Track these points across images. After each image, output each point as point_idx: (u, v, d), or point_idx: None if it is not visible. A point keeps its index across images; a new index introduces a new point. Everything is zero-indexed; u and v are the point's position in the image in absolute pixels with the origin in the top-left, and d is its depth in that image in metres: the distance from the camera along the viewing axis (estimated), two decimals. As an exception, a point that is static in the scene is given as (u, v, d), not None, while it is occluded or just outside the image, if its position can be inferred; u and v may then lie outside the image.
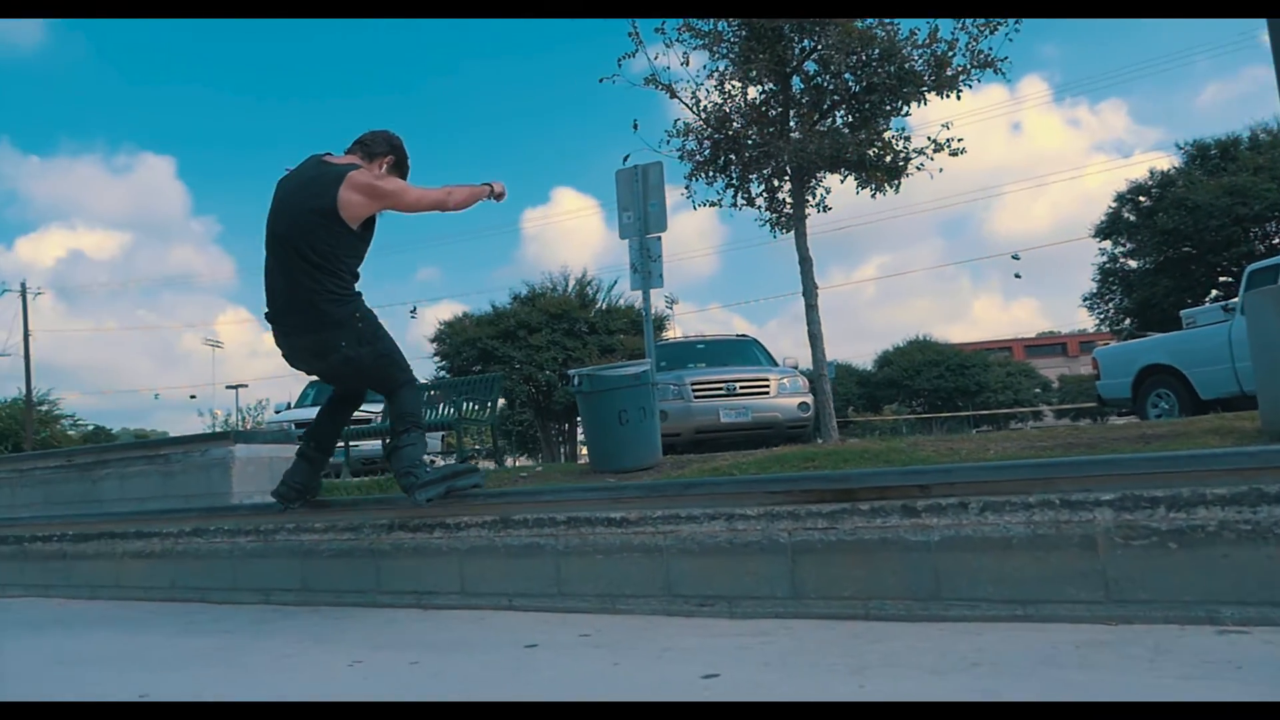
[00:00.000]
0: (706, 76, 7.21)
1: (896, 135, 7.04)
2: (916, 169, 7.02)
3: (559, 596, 3.61)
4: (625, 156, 7.47)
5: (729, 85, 7.19)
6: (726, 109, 7.20)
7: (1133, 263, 28.87)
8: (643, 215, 7.52)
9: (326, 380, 4.43)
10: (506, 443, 13.11)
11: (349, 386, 4.32)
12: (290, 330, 3.92)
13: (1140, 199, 27.75)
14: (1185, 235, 24.94)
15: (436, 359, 23.13)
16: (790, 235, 7.64)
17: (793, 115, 7.13)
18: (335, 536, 4.25)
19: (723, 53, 7.03)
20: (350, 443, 9.23)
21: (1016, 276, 44.29)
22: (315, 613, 4.09)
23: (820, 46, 6.50)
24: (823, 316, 7.75)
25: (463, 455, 8.80)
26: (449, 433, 12.43)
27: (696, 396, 9.78)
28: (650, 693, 2.30)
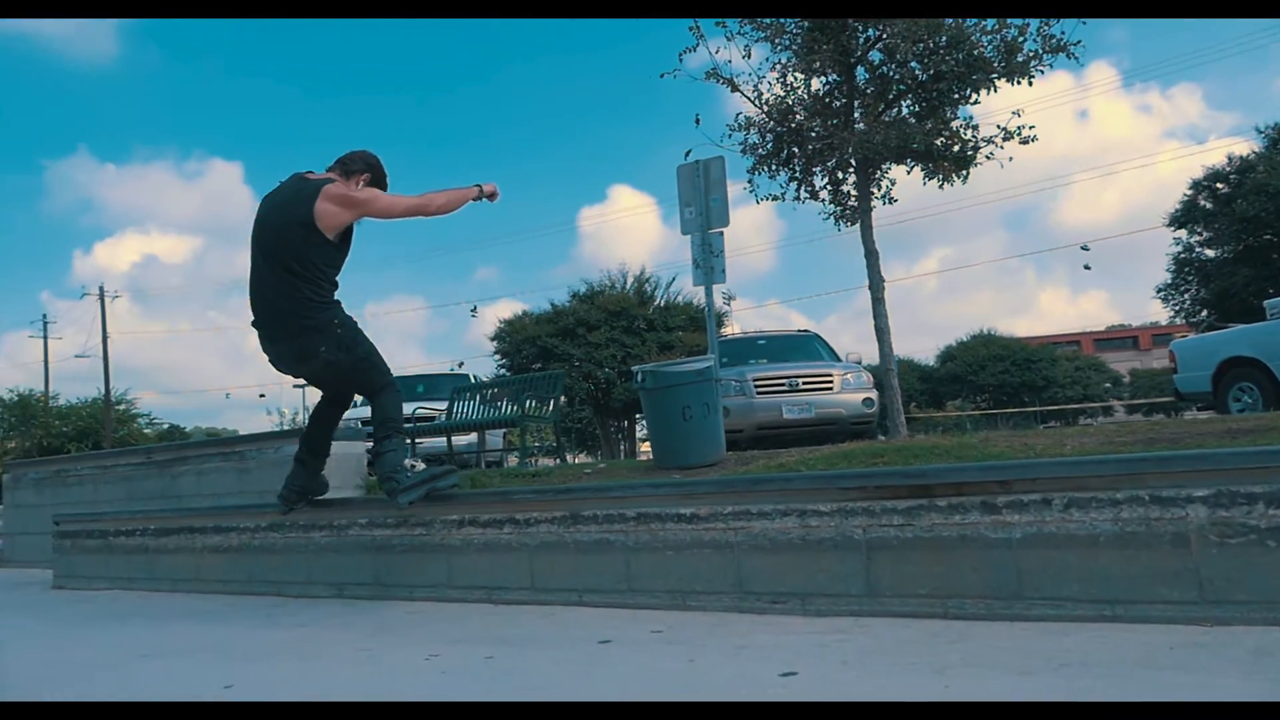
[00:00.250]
0: (769, 69, 7.15)
1: (964, 124, 6.88)
2: (986, 158, 6.86)
3: (629, 592, 3.61)
4: (687, 151, 7.45)
5: (791, 77, 7.13)
6: (789, 101, 7.11)
7: (1210, 252, 27.89)
8: (704, 210, 7.48)
9: (311, 383, 4.63)
10: (566, 440, 13.16)
11: (333, 390, 4.54)
12: (274, 337, 4.15)
13: (1217, 186, 26.77)
14: (1266, 222, 23.99)
15: (497, 357, 23.37)
16: (853, 229, 7.53)
17: (857, 106, 7.01)
18: (407, 532, 4.30)
19: (785, 44, 6.95)
20: (415, 439, 9.36)
21: (1086, 268, 43.09)
22: (388, 606, 4.15)
23: (885, 35, 6.37)
24: (872, 312, 7.59)
25: (525, 452, 8.86)
26: (510, 430, 12.53)
27: (759, 392, 9.71)
28: (728, 690, 2.27)
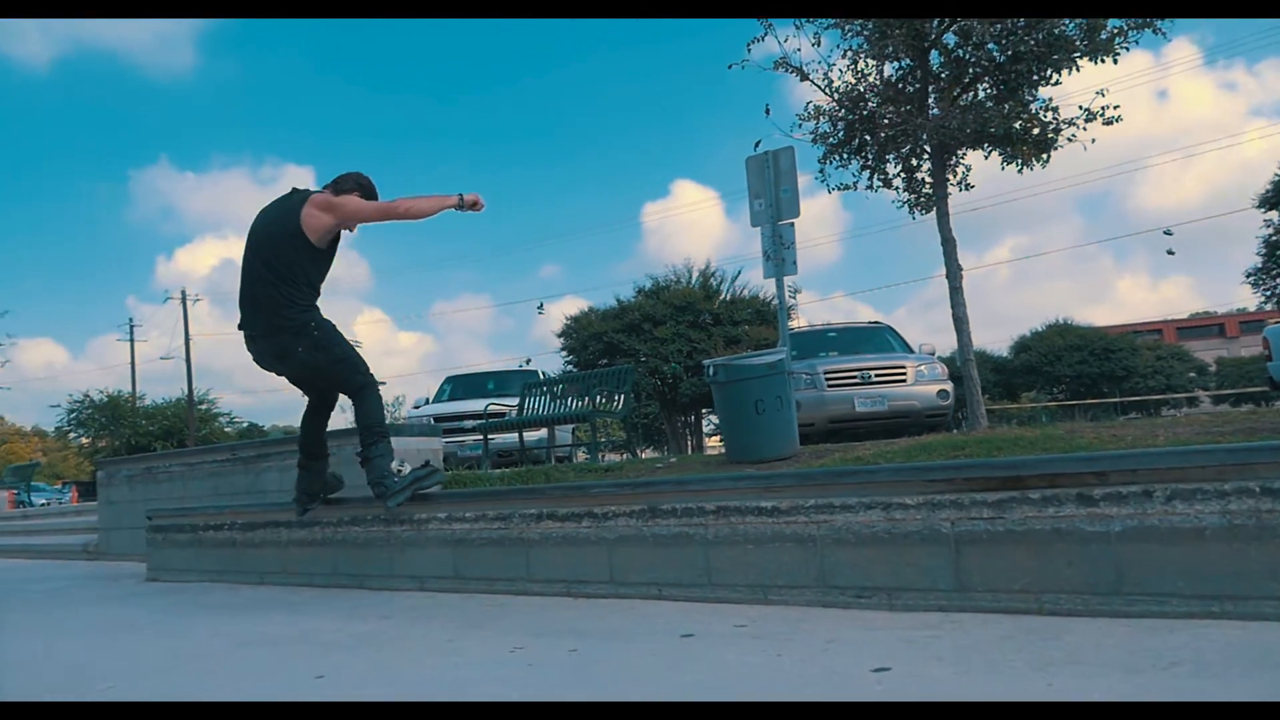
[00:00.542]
0: (839, 56, 7.02)
1: (1044, 106, 6.65)
2: (1069, 140, 6.62)
3: (709, 586, 3.58)
4: (757, 143, 7.37)
5: (863, 64, 6.97)
6: (860, 88, 6.97)
7: (1303, 233, 26.62)
8: (774, 202, 7.39)
9: (293, 383, 4.86)
10: (633, 435, 13.18)
11: (314, 390, 4.86)
12: (256, 335, 4.46)
13: (1311, 164, 25.51)
14: (1364, 201, 22.79)
15: (563, 353, 23.51)
16: (927, 217, 7.36)
17: (931, 91, 6.83)
18: (486, 526, 4.34)
19: (855, 30, 6.82)
20: (488, 435, 9.47)
21: (1169, 253, 41.28)
22: (468, 599, 4.19)
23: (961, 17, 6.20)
24: (949, 301, 7.38)
25: (596, 448, 8.89)
26: (578, 426, 12.60)
27: (830, 385, 9.58)
28: (820, 685, 2.23)
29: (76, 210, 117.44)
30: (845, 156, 7.27)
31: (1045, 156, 6.78)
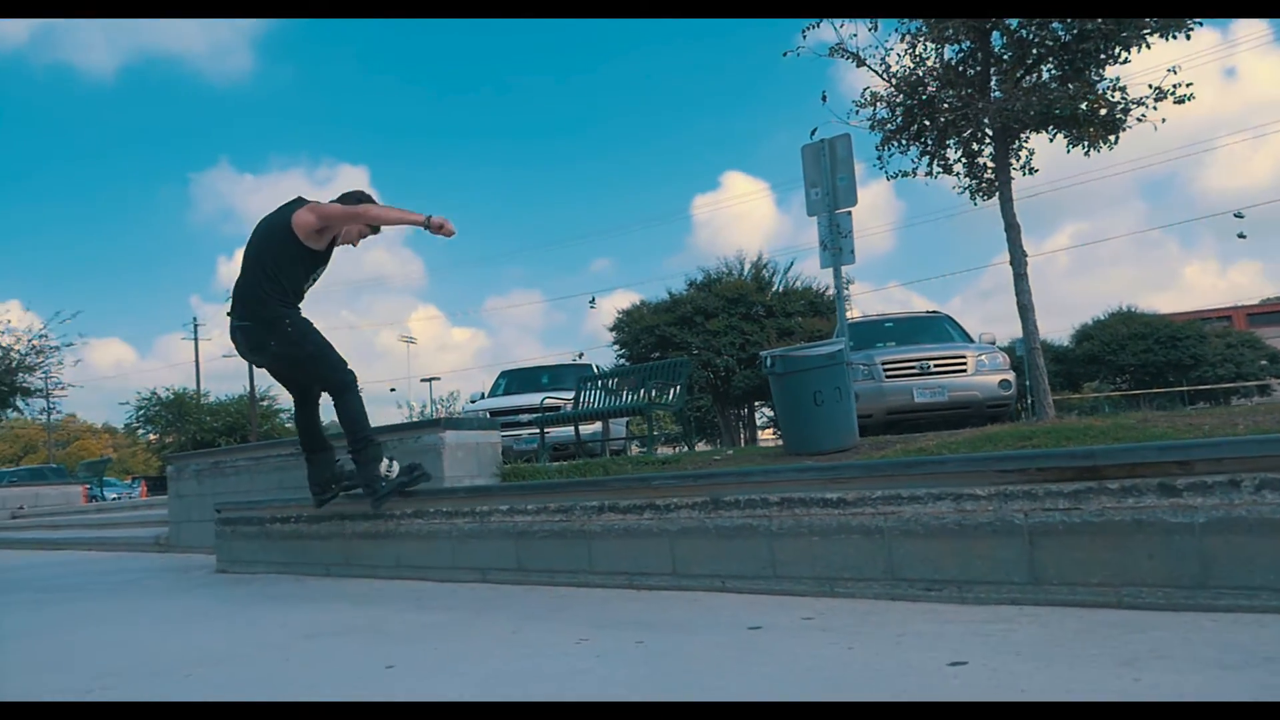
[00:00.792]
0: (898, 40, 6.87)
1: (1112, 86, 6.43)
2: (1138, 120, 6.41)
3: (773, 579, 3.54)
4: (813, 130, 7.27)
5: (921, 47, 6.83)
6: (919, 73, 6.83)
7: (1382, 215, 25.51)
8: (831, 190, 7.28)
9: (274, 377, 5.14)
10: (687, 428, 13.17)
11: (293, 385, 5.13)
12: (236, 325, 4.74)
13: (1390, 142, 24.44)
14: None
15: (615, 347, 23.59)
16: (987, 204, 7.20)
17: (993, 73, 6.66)
18: (547, 518, 4.36)
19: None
20: (545, 429, 9.52)
21: (1240, 236, 40.23)
22: (530, 591, 4.21)
23: (1024, -3, 6.02)
24: (1011, 290, 7.18)
25: (652, 440, 8.88)
26: (631, 419, 12.61)
27: (888, 376, 9.46)
28: (895, 679, 2.19)
29: (141, 214, 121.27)
30: (904, 142, 7.14)
31: (1113, 138, 6.58)
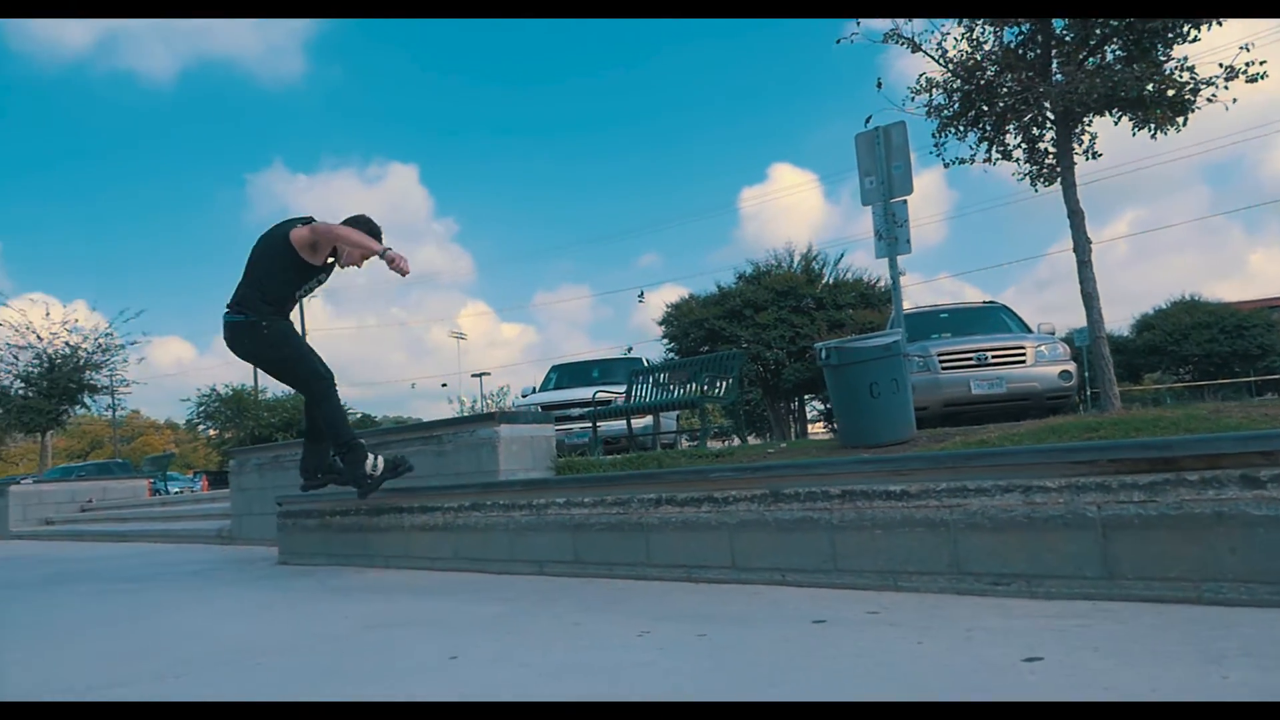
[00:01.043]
0: (955, 24, 6.71)
1: (1180, 65, 6.21)
2: (1208, 101, 6.18)
3: (835, 572, 3.50)
4: (867, 118, 7.17)
5: (979, 30, 6.67)
6: (977, 57, 6.67)
7: None
8: (886, 179, 7.18)
9: (261, 369, 5.38)
10: (739, 421, 13.11)
11: (283, 381, 5.41)
12: (224, 321, 5.01)
13: None
14: None
15: (664, 341, 23.53)
16: (1048, 191, 7.01)
17: (1055, 55, 6.48)
18: (604, 511, 4.35)
19: (971, -4, 6.52)
20: (597, 423, 9.54)
21: (1307, 222, 38.59)
22: (588, 584, 4.21)
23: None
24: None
25: (705, 433, 8.85)
26: (682, 412, 12.59)
27: (944, 367, 9.30)
28: (969, 675, 2.13)
29: (200, 214, 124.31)
30: (961, 129, 6.98)
31: (1181, 120, 6.36)
